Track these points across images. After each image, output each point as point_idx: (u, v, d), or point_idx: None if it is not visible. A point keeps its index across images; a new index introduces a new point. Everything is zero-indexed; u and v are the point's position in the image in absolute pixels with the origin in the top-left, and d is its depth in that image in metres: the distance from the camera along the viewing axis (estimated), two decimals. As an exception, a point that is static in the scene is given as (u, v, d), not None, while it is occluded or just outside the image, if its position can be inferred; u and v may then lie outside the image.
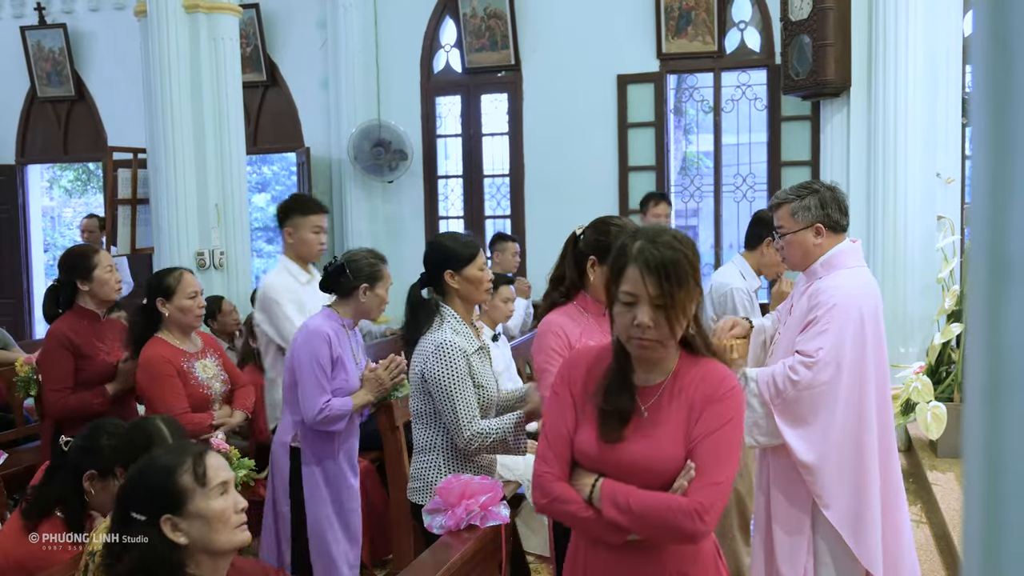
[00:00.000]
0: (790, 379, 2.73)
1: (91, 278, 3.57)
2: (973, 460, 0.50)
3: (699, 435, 1.82)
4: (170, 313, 3.44)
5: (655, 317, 1.77)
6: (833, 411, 2.72)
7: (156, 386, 3.34)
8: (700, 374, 1.88)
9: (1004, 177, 0.48)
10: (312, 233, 3.95)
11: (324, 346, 3.17)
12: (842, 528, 2.73)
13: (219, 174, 5.96)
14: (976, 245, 0.49)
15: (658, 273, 1.75)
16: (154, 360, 3.37)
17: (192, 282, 3.49)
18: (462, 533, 2.50)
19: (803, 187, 2.90)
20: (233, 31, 6.04)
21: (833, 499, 2.73)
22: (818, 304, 2.76)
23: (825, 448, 2.72)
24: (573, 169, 7.37)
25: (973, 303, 0.50)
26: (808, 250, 2.86)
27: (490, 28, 7.53)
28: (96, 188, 15.47)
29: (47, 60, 8.76)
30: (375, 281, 3.28)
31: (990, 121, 0.49)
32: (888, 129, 5.61)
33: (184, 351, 3.46)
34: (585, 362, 1.97)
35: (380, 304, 3.34)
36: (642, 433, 1.86)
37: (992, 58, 0.48)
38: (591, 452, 1.88)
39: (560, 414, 1.94)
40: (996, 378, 0.48)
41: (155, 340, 3.43)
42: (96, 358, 3.56)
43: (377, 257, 3.36)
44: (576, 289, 2.69)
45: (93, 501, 2.57)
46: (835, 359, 2.71)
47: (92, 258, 3.62)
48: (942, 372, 4.92)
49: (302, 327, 3.29)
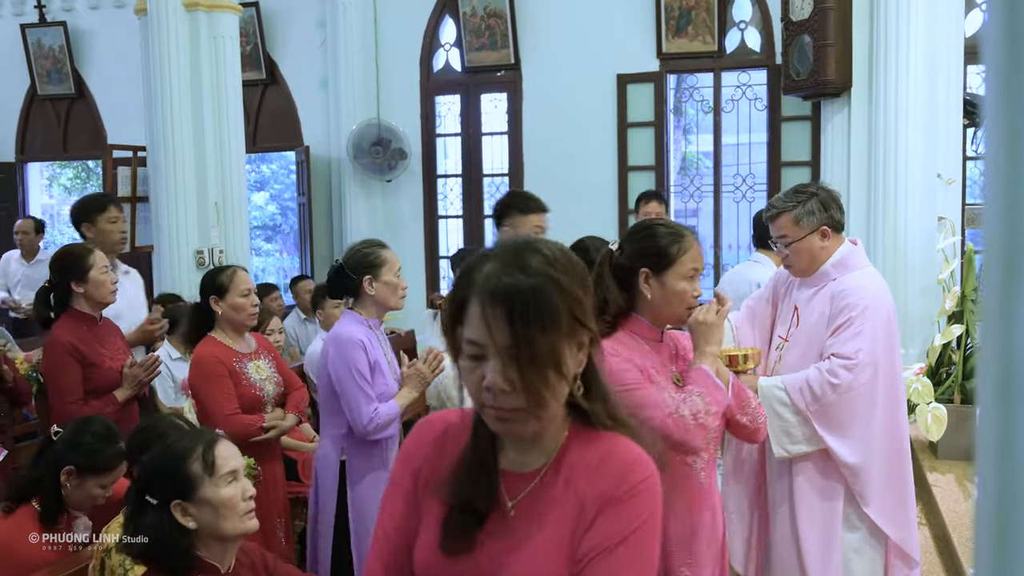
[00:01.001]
0: (830, 383, 2.71)
1: (86, 279, 3.42)
2: (986, 460, 0.50)
3: (589, 551, 1.23)
4: (223, 311, 3.31)
5: (508, 375, 1.18)
6: (873, 411, 2.73)
7: (207, 386, 3.23)
8: (597, 457, 1.28)
9: (1017, 176, 0.47)
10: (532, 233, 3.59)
11: (359, 352, 3.01)
12: (885, 524, 2.77)
13: (218, 172, 5.96)
14: (989, 244, 0.49)
15: (506, 309, 1.17)
16: (206, 359, 3.26)
17: (245, 279, 3.35)
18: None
19: (800, 192, 2.86)
20: (233, 29, 6.04)
21: (875, 497, 2.76)
22: (848, 305, 2.74)
23: (868, 448, 2.74)
24: (573, 169, 7.36)
25: (986, 303, 0.50)
26: (815, 254, 2.83)
27: (490, 27, 7.53)
28: (96, 186, 15.44)
29: (47, 58, 8.75)
30: (377, 269, 3.10)
31: (1003, 119, 0.48)
32: (889, 130, 5.61)
33: (237, 351, 3.33)
34: (433, 435, 1.37)
35: (395, 290, 3.14)
36: (507, 542, 1.26)
37: (1006, 56, 0.48)
38: (431, 567, 1.29)
39: (390, 510, 1.35)
40: (1009, 378, 0.48)
41: (208, 339, 3.32)
42: (102, 365, 3.43)
43: (372, 244, 3.19)
44: (624, 314, 2.25)
45: (69, 496, 2.55)
46: (872, 360, 2.72)
47: (87, 258, 3.45)
48: (942, 373, 4.92)
49: (331, 338, 3.11)
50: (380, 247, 3.17)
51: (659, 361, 2.24)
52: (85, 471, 2.54)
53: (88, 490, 2.57)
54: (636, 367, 2.16)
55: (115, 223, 4.12)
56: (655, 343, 2.25)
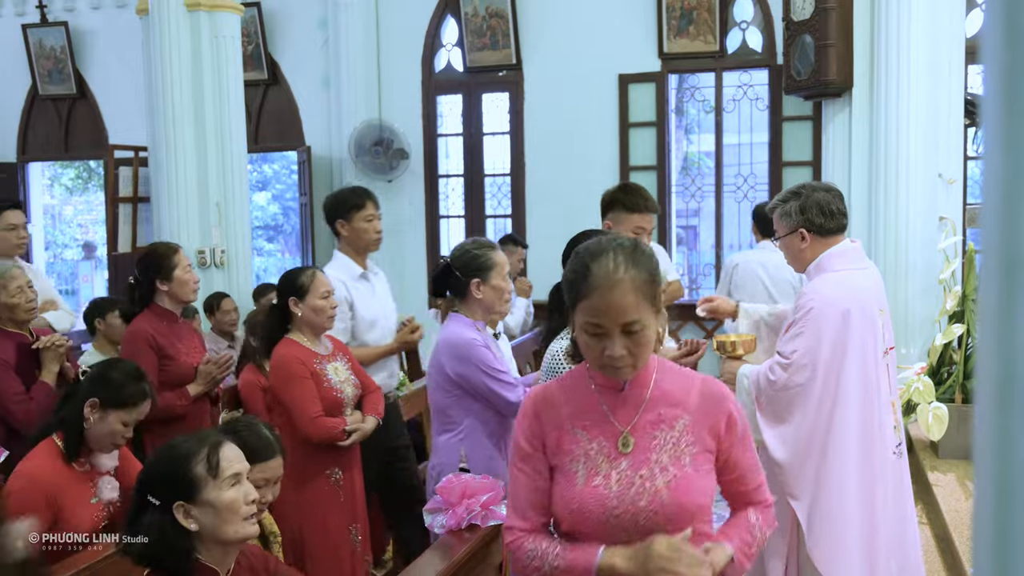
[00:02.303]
0: (768, 379, 2.83)
1: (171, 278, 3.49)
2: (984, 461, 0.50)
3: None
4: (303, 313, 3.23)
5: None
6: (805, 411, 2.78)
7: (290, 388, 3.15)
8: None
9: (1016, 177, 0.47)
10: (632, 234, 3.37)
11: (481, 349, 2.88)
12: (803, 522, 2.80)
13: (220, 172, 5.96)
14: (987, 245, 0.49)
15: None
16: (288, 360, 3.18)
17: (325, 282, 3.30)
18: (463, 532, 2.50)
19: (790, 192, 2.94)
20: (234, 29, 6.04)
21: (800, 491, 2.81)
22: (798, 307, 2.83)
23: (795, 447, 2.79)
24: (574, 169, 7.36)
25: (984, 304, 0.50)
26: (796, 254, 2.92)
27: (491, 27, 7.53)
28: (97, 186, 15.46)
29: (48, 58, 8.76)
30: (487, 272, 2.94)
31: (1002, 120, 0.48)
32: (890, 130, 5.61)
33: (316, 353, 3.26)
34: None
35: (501, 295, 2.99)
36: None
37: (1005, 56, 0.48)
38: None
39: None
40: (1008, 379, 0.48)
41: (286, 341, 3.25)
42: (178, 359, 3.47)
43: (483, 246, 3.04)
44: None
45: (91, 431, 2.58)
46: (811, 362, 2.76)
47: (172, 258, 3.52)
48: (943, 373, 4.92)
49: (444, 344, 2.95)
50: (491, 249, 3.03)
51: None
52: (108, 404, 2.58)
53: (110, 425, 2.59)
54: None
55: (371, 221, 3.79)
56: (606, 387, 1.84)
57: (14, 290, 3.30)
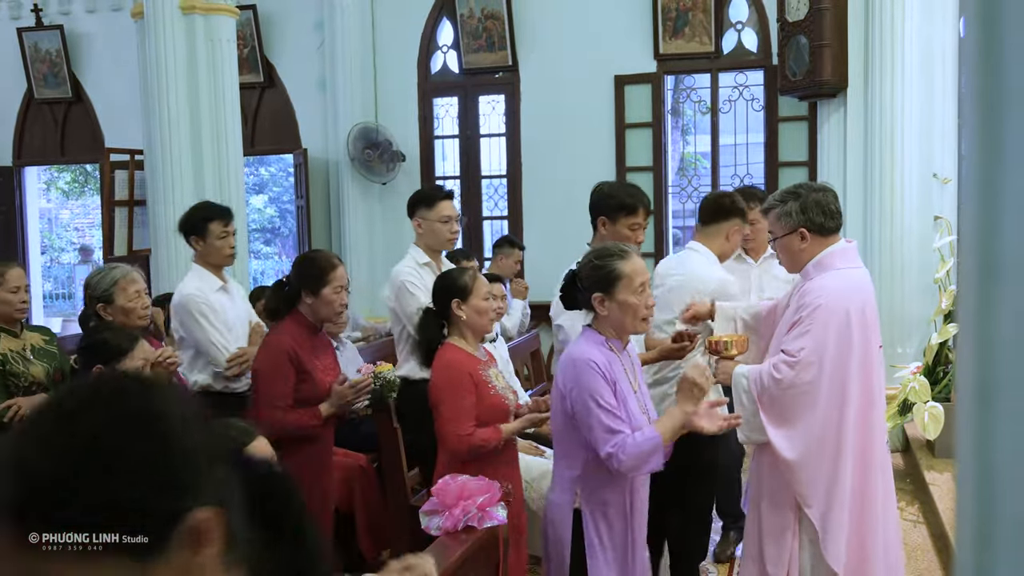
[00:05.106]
0: (773, 377, 2.80)
1: (319, 295, 3.30)
2: (965, 460, 0.50)
3: None
4: (466, 315, 3.04)
5: None
6: (814, 410, 2.77)
7: (451, 395, 2.95)
8: None
9: (993, 178, 0.48)
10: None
11: (595, 377, 2.51)
12: (818, 527, 2.79)
13: (216, 175, 5.95)
14: (966, 246, 0.49)
15: None
16: (454, 364, 2.98)
17: (484, 281, 3.15)
18: (459, 534, 2.50)
19: (788, 192, 2.94)
20: (230, 32, 6.04)
21: (813, 498, 2.79)
22: (804, 305, 2.81)
23: (806, 447, 2.78)
24: (570, 170, 7.36)
25: (963, 304, 0.50)
26: (794, 254, 2.91)
27: (487, 29, 7.53)
28: (93, 190, 15.45)
29: (44, 62, 8.76)
30: (610, 285, 2.58)
31: (980, 123, 0.49)
32: (885, 129, 5.62)
33: (479, 359, 3.06)
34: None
35: (635, 310, 2.59)
36: None
37: (982, 60, 0.48)
38: None
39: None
40: (987, 378, 0.48)
41: (449, 346, 3.05)
42: (314, 375, 3.30)
43: (607, 255, 2.64)
44: None
45: None
46: (817, 359, 2.76)
47: (329, 274, 3.32)
48: (939, 372, 4.93)
49: (566, 358, 2.65)
50: (618, 257, 2.61)
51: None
52: None
53: None
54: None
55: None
56: None
57: (132, 294, 3.64)
